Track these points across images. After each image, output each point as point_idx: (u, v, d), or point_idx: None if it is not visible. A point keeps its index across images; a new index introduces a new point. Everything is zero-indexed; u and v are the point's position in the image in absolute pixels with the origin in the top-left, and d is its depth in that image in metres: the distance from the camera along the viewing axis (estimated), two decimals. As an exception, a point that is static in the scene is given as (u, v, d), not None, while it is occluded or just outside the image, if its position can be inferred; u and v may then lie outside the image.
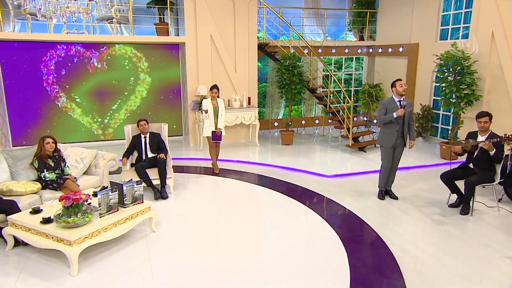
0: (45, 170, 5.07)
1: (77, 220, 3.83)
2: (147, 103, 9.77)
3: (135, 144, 6.09)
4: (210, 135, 6.95)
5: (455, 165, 5.51)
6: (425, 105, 9.43)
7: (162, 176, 5.86)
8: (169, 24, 9.37)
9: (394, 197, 5.80)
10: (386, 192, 5.87)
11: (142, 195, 4.58)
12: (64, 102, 9.11)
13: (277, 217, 5.26)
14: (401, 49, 10.29)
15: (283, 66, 9.02)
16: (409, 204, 5.59)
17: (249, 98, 9.31)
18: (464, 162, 5.37)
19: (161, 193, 5.84)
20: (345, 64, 12.13)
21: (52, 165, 5.14)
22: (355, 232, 4.80)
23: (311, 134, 10.66)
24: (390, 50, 10.70)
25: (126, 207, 4.38)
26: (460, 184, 5.33)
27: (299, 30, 10.48)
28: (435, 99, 9.45)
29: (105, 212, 4.14)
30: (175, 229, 4.82)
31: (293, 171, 7.30)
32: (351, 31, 11.82)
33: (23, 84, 8.71)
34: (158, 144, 6.14)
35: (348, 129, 8.66)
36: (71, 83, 9.07)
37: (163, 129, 6.42)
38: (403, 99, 5.48)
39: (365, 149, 8.69)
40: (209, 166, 7.45)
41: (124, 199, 4.37)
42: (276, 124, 11.14)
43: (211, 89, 6.93)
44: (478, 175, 5.12)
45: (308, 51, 9.65)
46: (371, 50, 11.53)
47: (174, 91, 9.91)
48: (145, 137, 6.09)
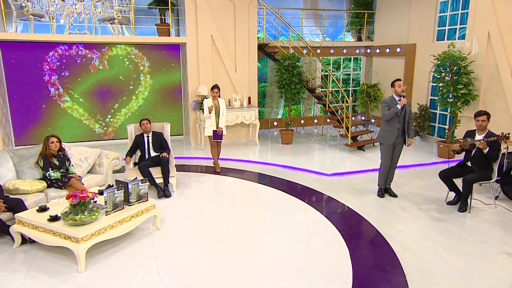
0: (50, 169, 5.13)
1: (84, 218, 3.90)
2: (148, 103, 9.83)
3: (138, 143, 6.16)
4: (212, 135, 7.02)
5: (453, 164, 5.62)
6: (423, 105, 9.55)
7: (165, 175, 5.94)
8: (170, 25, 9.44)
9: (393, 195, 5.89)
10: (386, 190, 5.96)
11: (147, 193, 4.65)
12: (66, 102, 9.16)
13: (278, 215, 5.34)
14: (399, 50, 10.40)
15: (283, 66, 9.11)
16: (408, 202, 5.69)
17: (249, 98, 9.40)
18: (462, 161, 5.47)
19: (164, 192, 5.91)
20: (344, 64, 12.23)
21: (57, 164, 5.21)
22: (356, 229, 4.90)
23: (310, 133, 10.75)
24: (388, 51, 10.80)
25: (132, 205, 4.46)
26: (458, 182, 5.45)
27: (298, 31, 10.56)
28: (432, 99, 9.56)
29: (111, 210, 4.21)
30: (179, 227, 4.89)
31: (293, 170, 7.38)
32: (349, 32, 11.93)
33: (26, 84, 8.75)
34: (161, 143, 6.21)
35: (347, 128, 8.76)
36: (73, 83, 9.12)
37: (166, 129, 6.48)
38: (403, 98, 5.58)
39: (364, 148, 8.78)
40: (210, 165, 7.53)
41: (130, 197, 4.44)
42: (276, 124, 11.23)
43: (212, 89, 6.99)
44: (476, 173, 5.21)
45: (307, 52, 9.73)
46: (369, 51, 11.64)
47: (175, 91, 9.98)
48: (148, 136, 6.16)
